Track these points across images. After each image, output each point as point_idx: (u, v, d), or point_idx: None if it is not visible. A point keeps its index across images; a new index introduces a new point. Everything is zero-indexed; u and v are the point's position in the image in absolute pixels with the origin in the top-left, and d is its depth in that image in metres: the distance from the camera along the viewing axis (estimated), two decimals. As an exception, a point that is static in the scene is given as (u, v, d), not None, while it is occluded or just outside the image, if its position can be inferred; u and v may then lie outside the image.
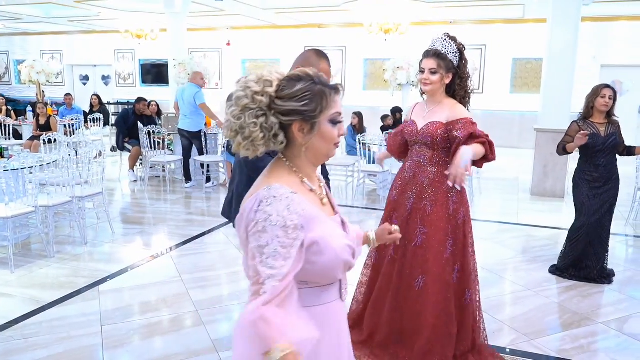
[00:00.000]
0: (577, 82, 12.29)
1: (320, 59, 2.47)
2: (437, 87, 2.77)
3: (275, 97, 1.32)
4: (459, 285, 2.80)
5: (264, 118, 1.30)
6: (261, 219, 1.26)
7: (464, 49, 2.85)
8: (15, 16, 13.53)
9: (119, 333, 3.30)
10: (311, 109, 1.32)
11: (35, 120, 8.87)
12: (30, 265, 4.50)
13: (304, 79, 1.35)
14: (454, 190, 2.71)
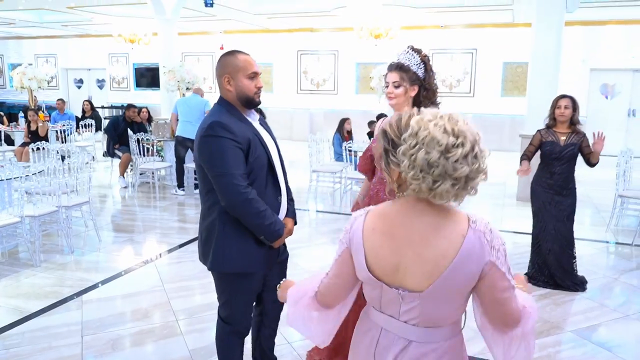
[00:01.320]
0: (566, 86, 12.42)
1: (233, 54, 2.40)
2: (401, 100, 2.70)
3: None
4: None
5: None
6: (496, 240, 1.34)
7: (428, 60, 2.76)
8: (8, 21, 13.60)
9: (98, 343, 3.38)
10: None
11: (27, 127, 8.94)
12: (16, 274, 4.57)
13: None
14: None
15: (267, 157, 2.40)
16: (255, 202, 2.29)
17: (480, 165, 1.29)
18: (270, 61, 15.00)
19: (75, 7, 10.96)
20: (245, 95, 2.36)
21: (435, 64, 13.48)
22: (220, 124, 2.26)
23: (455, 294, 1.36)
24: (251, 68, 2.37)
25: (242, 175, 2.26)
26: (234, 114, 2.35)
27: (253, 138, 2.32)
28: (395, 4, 10.16)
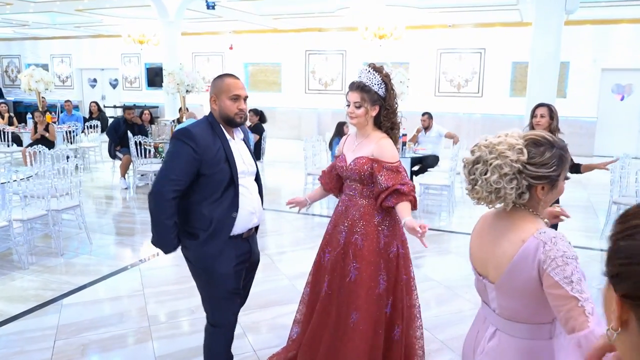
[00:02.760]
0: (577, 86, 12.28)
1: (221, 77, 2.61)
2: (362, 120, 2.72)
3: (527, 164, 1.53)
4: (390, 320, 2.78)
5: (516, 181, 1.54)
6: (558, 254, 1.46)
7: (389, 79, 2.75)
8: (22, 23, 13.90)
9: (69, 348, 3.46)
10: (557, 174, 1.56)
11: (34, 128, 9.14)
12: (4, 277, 4.70)
13: (546, 145, 1.56)
14: (384, 223, 2.73)
15: (231, 174, 2.51)
16: (168, 211, 2.43)
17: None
18: (278, 61, 15.05)
19: (83, 10, 11.15)
20: (226, 115, 2.54)
21: (443, 64, 13.44)
22: (189, 132, 2.46)
23: (518, 291, 1.56)
24: (234, 90, 2.54)
25: (178, 181, 2.42)
26: (215, 129, 2.54)
27: (218, 155, 2.47)
28: (398, 4, 10.09)
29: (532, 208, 1.61)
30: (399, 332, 2.79)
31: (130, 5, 10.44)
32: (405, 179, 2.68)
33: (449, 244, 5.79)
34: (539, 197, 1.58)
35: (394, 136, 2.79)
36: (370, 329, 2.68)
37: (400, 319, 2.78)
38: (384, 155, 2.68)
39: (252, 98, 12.82)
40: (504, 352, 1.63)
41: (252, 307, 4.12)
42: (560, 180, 1.58)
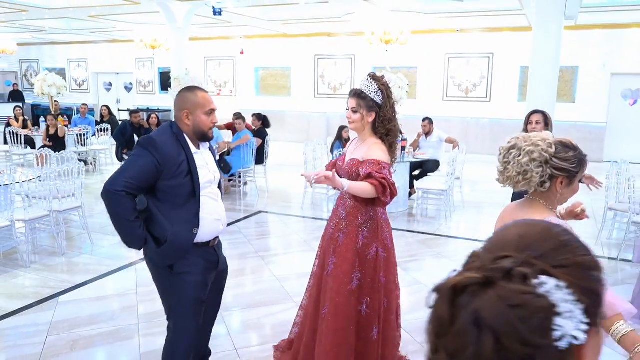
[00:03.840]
0: (586, 91, 12.20)
1: (193, 91, 2.60)
2: (359, 125, 2.85)
3: (553, 156, 1.83)
4: (367, 320, 2.86)
5: (542, 169, 1.82)
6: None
7: (386, 88, 2.87)
8: (39, 28, 14.28)
9: (59, 343, 3.61)
10: (576, 171, 1.85)
11: (45, 131, 9.41)
12: (6, 275, 4.89)
13: (571, 148, 1.88)
14: (366, 225, 2.83)
15: (192, 186, 2.55)
16: (125, 206, 2.44)
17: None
18: (288, 65, 15.21)
19: (96, 16, 11.45)
20: (201, 130, 2.55)
21: (451, 69, 13.44)
22: (154, 141, 2.47)
23: None
24: (209, 105, 2.57)
25: (131, 184, 2.42)
26: (180, 140, 2.53)
27: (180, 168, 2.49)
28: (403, 10, 10.16)
29: (548, 201, 1.90)
30: (377, 333, 2.88)
31: (140, 12, 10.69)
32: (384, 172, 2.74)
33: (443, 248, 5.84)
34: (557, 190, 1.87)
35: (389, 143, 2.89)
36: (338, 322, 2.78)
37: (378, 320, 2.87)
38: (371, 156, 2.80)
39: (262, 102, 13.22)
40: None
41: (239, 306, 4.25)
42: (577, 179, 1.89)
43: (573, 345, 0.59)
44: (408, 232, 6.41)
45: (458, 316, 0.60)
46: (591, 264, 0.66)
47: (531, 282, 0.60)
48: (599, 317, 0.65)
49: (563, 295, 0.59)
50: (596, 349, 0.66)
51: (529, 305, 0.58)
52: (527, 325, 0.57)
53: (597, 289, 0.65)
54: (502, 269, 0.61)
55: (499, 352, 0.57)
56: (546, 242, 0.66)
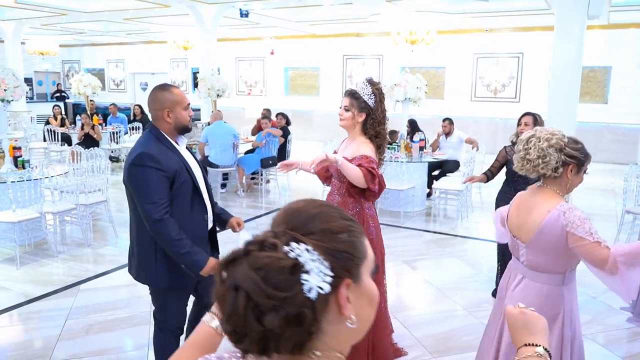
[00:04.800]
0: (619, 92, 11.90)
1: (167, 89, 2.65)
2: (349, 123, 2.98)
3: (566, 146, 2.15)
4: None
5: (557, 154, 2.14)
6: (575, 218, 2.08)
7: (379, 93, 2.99)
8: (78, 30, 14.91)
9: (76, 327, 3.87)
10: (583, 160, 2.18)
11: (80, 129, 9.87)
12: (35, 263, 5.23)
13: (580, 143, 2.20)
14: None
15: (193, 181, 2.66)
16: (170, 230, 2.49)
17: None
18: (317, 65, 15.38)
19: (131, 19, 11.90)
20: (182, 124, 2.64)
21: (480, 69, 13.33)
22: (148, 155, 2.50)
23: (545, 247, 2.17)
24: (186, 100, 2.67)
25: (163, 203, 2.49)
26: (164, 142, 2.60)
27: (179, 166, 2.59)
28: (428, 10, 10.17)
29: (558, 188, 2.21)
30: None
31: (171, 14, 11.06)
32: (372, 164, 2.85)
33: (455, 248, 5.87)
34: (568, 176, 2.17)
35: (377, 144, 3.01)
36: None
37: None
38: (360, 153, 2.92)
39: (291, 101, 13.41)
40: (527, 293, 2.24)
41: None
42: (584, 168, 2.19)
43: (323, 294, 0.72)
44: (423, 231, 6.47)
45: (224, 284, 0.73)
46: (339, 229, 0.79)
47: (280, 249, 0.73)
48: (352, 271, 0.78)
49: (309, 256, 0.73)
50: (362, 297, 0.81)
51: (271, 267, 0.71)
52: (270, 283, 0.71)
53: (344, 248, 0.78)
54: (258, 241, 0.75)
55: (252, 307, 0.70)
56: (300, 215, 0.80)
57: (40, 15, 11.76)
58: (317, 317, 0.73)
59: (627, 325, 3.97)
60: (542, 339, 1.16)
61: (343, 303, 0.76)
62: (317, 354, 0.77)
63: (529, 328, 1.18)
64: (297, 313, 0.71)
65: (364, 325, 0.83)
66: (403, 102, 7.37)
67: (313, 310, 0.72)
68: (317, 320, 0.73)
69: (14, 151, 5.93)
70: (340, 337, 0.79)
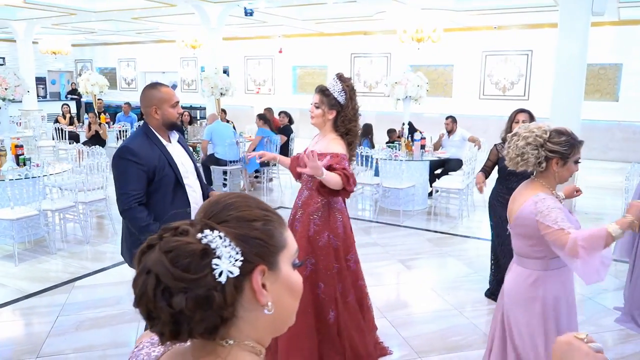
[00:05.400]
0: (631, 89, 11.70)
1: (156, 87, 2.80)
2: (319, 120, 3.00)
3: (547, 141, 2.20)
4: (324, 304, 3.01)
5: (537, 151, 2.21)
6: (544, 207, 2.17)
7: (350, 89, 2.99)
8: (89, 30, 15.08)
9: (67, 323, 3.92)
10: (567, 153, 2.21)
11: (88, 128, 9.99)
12: (33, 260, 5.30)
13: (565, 134, 2.23)
14: (317, 214, 2.99)
15: (175, 175, 2.78)
16: (138, 216, 2.66)
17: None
18: (325, 64, 15.36)
19: (139, 18, 11.99)
20: (169, 121, 2.78)
21: (488, 66, 13.19)
22: (128, 149, 2.69)
23: (524, 235, 2.30)
24: (174, 98, 2.80)
25: (135, 194, 2.66)
26: (151, 138, 2.76)
27: (161, 162, 2.73)
28: (433, 7, 10.09)
29: (546, 181, 2.28)
30: (334, 316, 3.02)
31: (178, 14, 11.12)
32: (343, 163, 2.88)
33: (452, 247, 5.82)
34: (554, 169, 2.23)
35: (348, 141, 3.01)
36: (299, 309, 2.91)
37: (334, 304, 3.01)
38: (330, 150, 2.94)
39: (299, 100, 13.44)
40: (516, 278, 2.40)
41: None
42: (570, 160, 2.22)
43: (233, 278, 0.75)
44: (423, 230, 6.42)
45: (138, 268, 0.76)
46: (253, 217, 0.82)
47: (191, 234, 0.76)
48: (267, 258, 0.80)
49: (221, 242, 0.76)
50: (281, 286, 0.83)
51: (180, 250, 0.74)
52: (178, 265, 0.73)
53: (257, 235, 0.80)
54: (172, 227, 0.79)
55: (162, 290, 0.73)
56: (217, 205, 0.83)
57: (50, 15, 11.91)
58: (228, 301, 0.75)
59: (620, 327, 3.91)
60: None
61: (257, 289, 0.78)
62: (229, 343, 0.79)
63: None
64: (206, 295, 0.73)
65: (285, 315, 0.85)
66: (404, 100, 7.32)
67: (223, 294, 0.74)
68: (229, 304, 0.75)
69: (16, 149, 6.01)
70: (258, 325, 0.81)
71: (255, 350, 0.81)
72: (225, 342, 0.78)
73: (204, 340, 0.79)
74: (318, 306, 3.03)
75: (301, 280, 0.88)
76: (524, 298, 2.36)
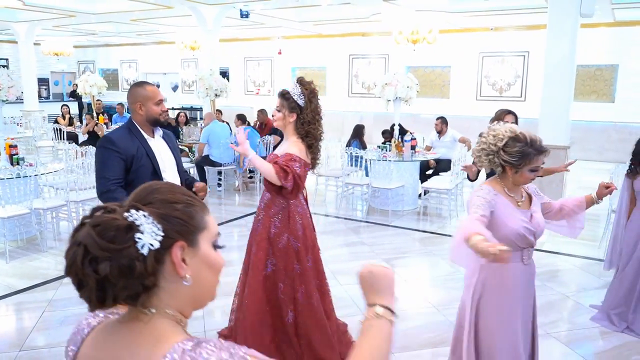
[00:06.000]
0: (627, 90, 11.72)
1: (142, 86, 2.97)
2: (281, 123, 3.09)
3: (502, 149, 2.31)
4: (282, 304, 3.09)
5: (491, 156, 2.35)
6: (473, 196, 2.37)
7: (309, 93, 3.07)
8: (90, 32, 15.24)
9: (52, 319, 4.01)
10: (518, 164, 2.30)
11: (85, 127, 10.12)
12: (24, 258, 5.41)
13: (521, 142, 2.29)
14: (277, 216, 3.08)
15: (153, 167, 2.93)
16: (118, 197, 2.74)
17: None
18: (323, 65, 15.45)
19: (137, 20, 12.12)
20: (153, 117, 2.95)
21: (486, 68, 13.23)
22: (108, 138, 2.90)
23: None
24: (158, 96, 2.96)
25: (114, 179, 2.81)
26: (133, 131, 2.94)
27: (139, 152, 2.88)
28: (428, 9, 10.15)
29: (504, 181, 2.40)
30: (292, 317, 3.09)
31: (175, 15, 11.24)
32: (292, 163, 2.96)
33: (438, 247, 5.87)
34: (509, 175, 2.36)
35: (308, 143, 3.09)
36: (255, 305, 3.04)
37: (293, 305, 3.08)
38: (287, 151, 3.04)
39: (295, 101, 13.00)
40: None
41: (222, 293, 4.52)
42: (523, 170, 2.30)
43: (154, 251, 0.87)
44: (411, 230, 6.49)
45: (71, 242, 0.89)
46: (176, 200, 0.94)
47: (119, 212, 0.88)
48: (186, 236, 0.92)
49: (145, 220, 0.88)
50: (200, 262, 0.94)
51: (107, 224, 0.86)
52: (105, 237, 0.85)
53: (178, 215, 0.92)
54: (102, 207, 0.91)
55: (90, 259, 0.85)
56: (145, 190, 0.95)
57: (50, 17, 12.06)
58: (149, 270, 0.86)
59: (594, 325, 3.97)
60: (384, 297, 1.11)
61: (177, 262, 0.89)
62: (152, 311, 0.90)
63: (374, 287, 1.13)
64: (128, 264, 0.84)
65: (205, 288, 0.97)
66: (394, 101, 7.38)
67: (144, 264, 0.85)
68: (150, 273, 0.87)
69: (10, 149, 6.13)
70: (178, 296, 0.92)
71: (175, 319, 0.92)
72: (148, 311, 0.90)
73: (130, 308, 0.91)
74: (277, 305, 3.10)
75: (221, 260, 0.98)
76: (466, 284, 2.55)
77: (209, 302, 0.99)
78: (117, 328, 0.93)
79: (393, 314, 1.10)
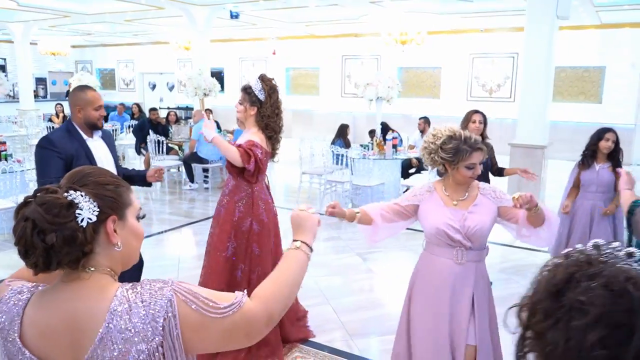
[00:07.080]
0: (614, 92, 11.87)
1: (84, 90, 3.09)
2: (242, 115, 3.30)
3: (440, 147, 2.43)
4: (239, 284, 3.26)
5: (433, 155, 2.47)
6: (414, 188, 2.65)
7: (269, 88, 3.26)
8: (86, 32, 15.43)
9: (31, 307, 4.18)
10: (452, 160, 2.42)
11: (78, 126, 10.30)
12: (11, 250, 5.56)
13: (456, 140, 2.41)
14: (242, 202, 3.28)
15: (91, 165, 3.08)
16: None
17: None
18: (317, 65, 15.61)
19: (131, 20, 12.31)
20: (91, 121, 3.08)
21: (476, 68, 13.37)
22: (48, 139, 3.03)
23: None
24: (98, 102, 3.09)
25: (54, 176, 2.87)
26: (72, 132, 3.06)
27: (78, 152, 3.01)
28: (415, 11, 10.31)
29: (445, 179, 2.54)
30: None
31: (167, 16, 11.42)
32: (254, 148, 3.15)
33: (413, 242, 5.97)
34: (448, 171, 2.47)
35: (267, 135, 3.29)
36: (213, 285, 3.16)
37: (247, 285, 3.25)
38: (248, 139, 3.24)
39: (292, 101, 13.60)
40: None
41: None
42: (460, 166, 2.41)
43: (92, 223, 1.07)
44: (390, 226, 6.64)
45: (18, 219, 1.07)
46: (106, 182, 1.16)
47: (60, 193, 1.07)
48: (117, 211, 1.14)
49: (82, 199, 1.08)
50: (128, 232, 1.16)
51: (52, 202, 1.06)
52: (50, 213, 1.04)
53: (109, 195, 1.13)
54: (43, 189, 1.10)
55: (38, 231, 1.03)
56: (79, 174, 1.15)
57: (45, 17, 12.25)
58: (88, 239, 1.07)
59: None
60: (304, 235, 1.42)
61: (110, 232, 1.12)
62: (91, 270, 1.11)
63: (300, 227, 1.44)
64: (71, 235, 1.04)
65: (130, 253, 1.19)
66: (376, 101, 7.55)
67: (84, 234, 1.06)
68: (89, 242, 1.07)
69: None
70: (111, 259, 1.14)
71: (110, 274, 1.14)
72: (87, 270, 1.10)
73: (67, 271, 1.10)
74: (233, 286, 3.24)
75: (142, 230, 1.21)
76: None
77: (134, 263, 1.22)
78: (61, 288, 1.11)
79: (310, 249, 1.39)
